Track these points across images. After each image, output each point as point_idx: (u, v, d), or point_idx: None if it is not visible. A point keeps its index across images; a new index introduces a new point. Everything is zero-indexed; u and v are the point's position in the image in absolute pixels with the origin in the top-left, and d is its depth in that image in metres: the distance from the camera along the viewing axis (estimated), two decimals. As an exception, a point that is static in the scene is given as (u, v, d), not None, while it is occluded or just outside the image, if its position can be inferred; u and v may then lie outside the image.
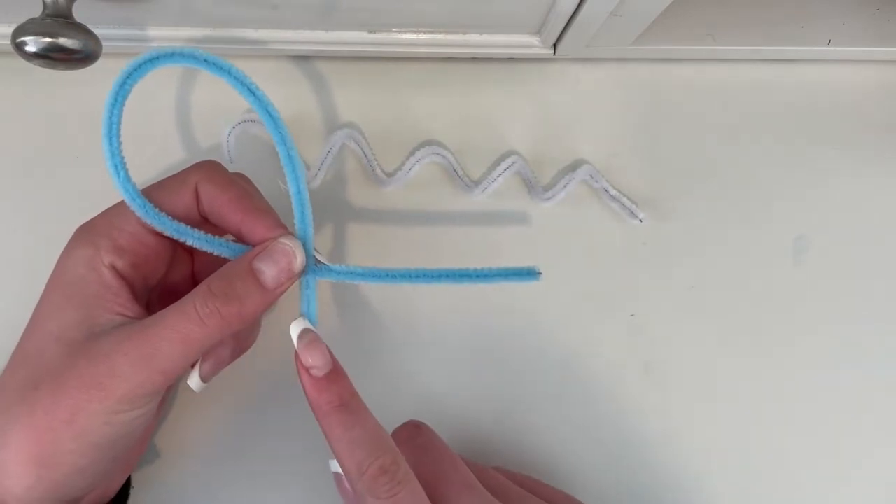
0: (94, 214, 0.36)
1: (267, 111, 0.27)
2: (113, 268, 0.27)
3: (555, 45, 0.36)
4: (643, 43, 0.35)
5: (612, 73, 0.39)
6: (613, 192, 0.37)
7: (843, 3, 0.38)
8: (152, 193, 0.27)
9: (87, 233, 0.27)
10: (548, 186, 0.37)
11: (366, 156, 0.36)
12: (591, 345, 0.37)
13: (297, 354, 0.27)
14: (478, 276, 0.27)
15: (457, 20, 0.34)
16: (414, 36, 0.35)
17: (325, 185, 0.37)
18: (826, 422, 0.37)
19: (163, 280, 0.29)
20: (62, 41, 0.25)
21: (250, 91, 0.26)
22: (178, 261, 0.30)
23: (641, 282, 0.37)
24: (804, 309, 0.38)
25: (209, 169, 0.28)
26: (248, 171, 0.37)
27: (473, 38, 0.35)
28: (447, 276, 0.27)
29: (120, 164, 0.26)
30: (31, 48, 0.25)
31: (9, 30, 0.26)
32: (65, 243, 0.35)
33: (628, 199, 0.37)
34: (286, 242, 0.27)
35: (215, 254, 0.27)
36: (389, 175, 0.36)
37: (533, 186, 0.37)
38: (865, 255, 0.38)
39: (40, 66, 0.26)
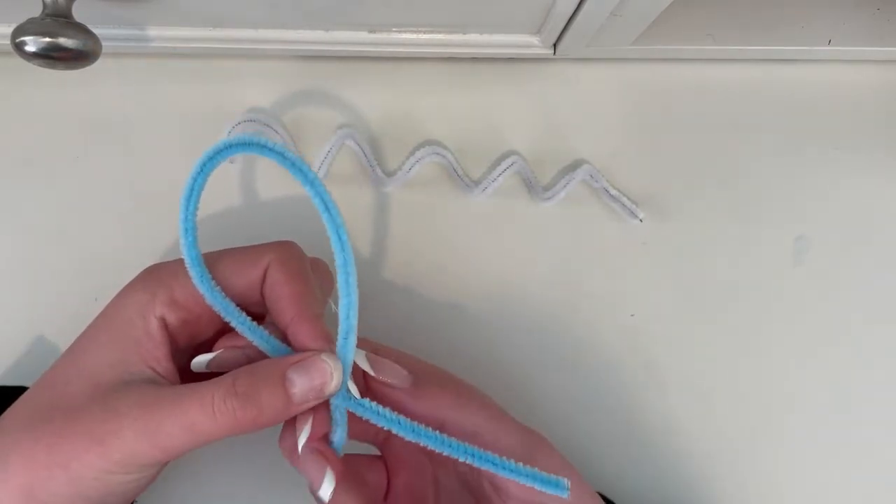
0: (93, 214, 0.36)
1: (338, 234, 0.26)
2: (163, 320, 0.26)
3: (555, 45, 0.36)
4: (643, 43, 0.35)
5: (612, 73, 0.39)
6: (613, 192, 0.37)
7: (843, 3, 0.38)
8: (224, 259, 0.27)
9: (150, 278, 0.27)
10: (548, 186, 0.37)
11: (366, 156, 0.36)
12: (591, 345, 0.37)
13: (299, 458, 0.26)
14: (505, 469, 0.26)
15: (457, 20, 0.34)
16: (414, 36, 0.35)
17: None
18: (826, 421, 0.37)
19: (208, 343, 0.28)
20: (62, 41, 0.25)
21: (327, 210, 0.26)
22: (230, 332, 0.29)
23: (641, 282, 0.37)
24: (804, 309, 0.38)
25: (285, 254, 0.27)
26: (247, 171, 0.37)
27: (473, 38, 0.35)
28: (474, 455, 0.26)
29: (191, 229, 0.26)
30: (31, 48, 0.25)
31: (9, 30, 0.26)
32: (64, 243, 0.36)
33: (628, 199, 0.37)
34: (327, 360, 0.25)
35: (254, 343, 0.26)
36: (389, 175, 0.36)
37: (533, 186, 0.37)
38: (865, 255, 0.38)
39: (40, 66, 0.26)
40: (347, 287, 0.26)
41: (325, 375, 0.25)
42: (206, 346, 0.28)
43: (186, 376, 0.28)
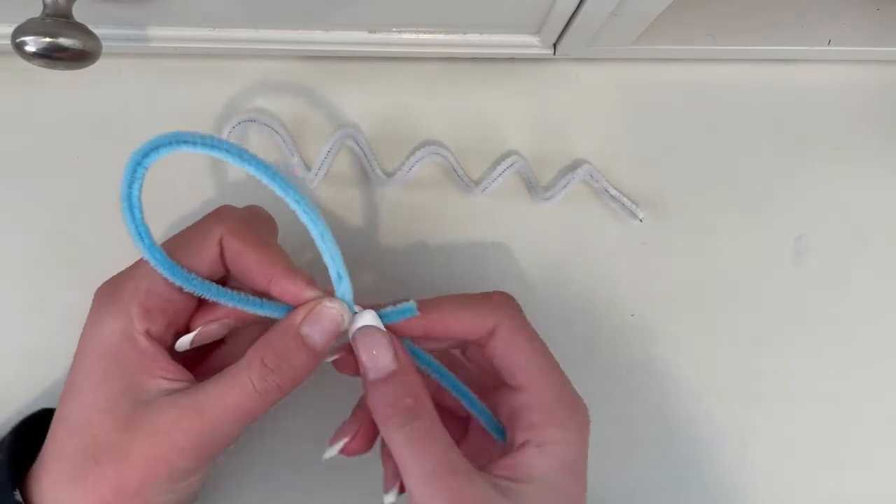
0: (93, 214, 0.36)
1: (286, 192, 0.26)
2: (147, 333, 0.26)
3: (555, 45, 0.36)
4: (643, 43, 0.35)
5: (612, 73, 0.39)
6: (613, 192, 0.37)
7: (843, 3, 0.38)
8: (175, 252, 0.27)
9: (113, 302, 0.27)
10: (548, 186, 0.37)
11: (366, 156, 0.36)
12: (591, 345, 0.37)
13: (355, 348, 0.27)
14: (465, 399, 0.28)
15: (457, 20, 0.34)
16: (414, 36, 0.35)
17: (325, 185, 0.37)
18: (826, 421, 0.37)
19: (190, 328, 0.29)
20: (62, 41, 0.25)
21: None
22: (205, 308, 0.29)
23: (641, 282, 0.37)
24: (804, 308, 0.38)
25: (231, 220, 0.28)
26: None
27: (473, 38, 0.35)
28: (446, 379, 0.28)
29: (145, 233, 0.26)
30: (31, 48, 0.25)
31: (9, 30, 0.25)
32: (64, 243, 0.36)
33: (628, 199, 0.37)
34: (332, 306, 0.26)
35: (258, 313, 0.27)
36: (389, 175, 0.36)
37: (533, 186, 0.37)
38: (865, 255, 0.38)
39: (40, 66, 0.26)
40: (325, 243, 0.26)
41: (336, 317, 0.26)
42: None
43: (194, 365, 0.29)
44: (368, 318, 0.27)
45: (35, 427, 0.28)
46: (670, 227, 0.38)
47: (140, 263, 0.28)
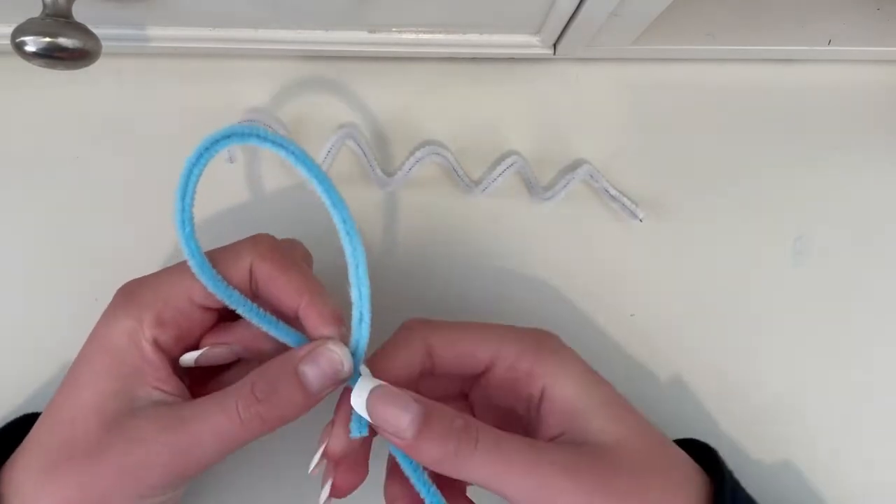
0: (93, 214, 0.36)
1: (344, 221, 0.26)
2: (155, 342, 0.26)
3: (555, 45, 0.36)
4: (643, 43, 0.35)
5: (612, 73, 0.39)
6: (613, 192, 0.37)
7: (843, 3, 0.38)
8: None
9: (131, 303, 0.27)
10: (548, 186, 0.37)
11: (366, 156, 0.36)
12: (592, 345, 0.37)
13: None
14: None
15: (457, 20, 0.34)
16: (414, 36, 0.35)
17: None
18: (826, 421, 0.37)
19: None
20: (62, 41, 0.25)
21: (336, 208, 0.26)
22: (219, 329, 0.29)
23: (641, 282, 0.37)
24: (804, 309, 0.38)
25: (264, 247, 0.28)
26: (247, 171, 0.37)
27: (473, 38, 0.35)
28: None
29: (188, 220, 0.26)
30: (30, 48, 0.25)
31: (9, 30, 0.26)
32: (64, 243, 0.36)
33: (628, 199, 0.37)
34: (334, 349, 0.26)
35: (274, 336, 0.27)
36: (389, 175, 0.36)
37: (533, 186, 0.37)
38: (865, 255, 0.38)
39: (40, 66, 0.26)
40: (357, 275, 0.26)
41: (336, 363, 0.26)
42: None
43: (196, 382, 0.29)
44: (366, 382, 0.25)
45: (19, 430, 0.28)
46: (670, 227, 0.38)
47: (166, 271, 0.27)
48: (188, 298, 0.27)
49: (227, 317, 0.28)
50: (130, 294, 0.27)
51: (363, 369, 0.26)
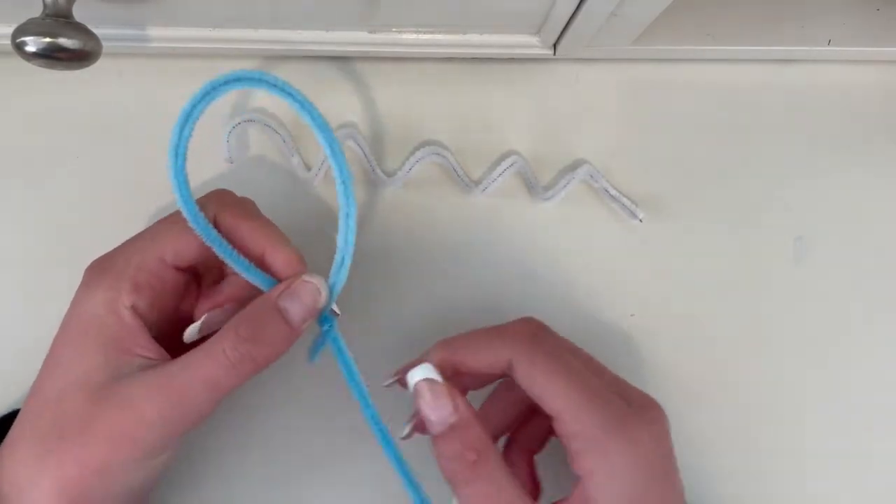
0: (93, 214, 0.36)
1: (334, 152, 0.28)
2: (133, 308, 0.26)
3: (555, 45, 0.36)
4: (643, 43, 0.35)
5: (612, 73, 0.39)
6: (613, 192, 0.37)
7: (843, 3, 0.38)
8: (175, 222, 0.27)
9: (104, 274, 0.27)
10: (548, 186, 0.37)
11: (366, 156, 0.36)
12: (591, 345, 0.36)
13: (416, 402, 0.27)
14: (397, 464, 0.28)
15: (457, 20, 0.34)
16: (414, 36, 0.35)
17: (325, 185, 0.37)
18: (825, 421, 0.37)
19: (173, 313, 0.29)
20: (62, 41, 0.25)
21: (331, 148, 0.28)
22: (188, 293, 0.30)
23: (641, 282, 0.37)
24: (804, 309, 0.38)
25: (225, 199, 0.29)
26: (248, 171, 0.37)
27: (473, 38, 0.35)
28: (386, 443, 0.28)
29: (184, 184, 0.26)
30: (31, 48, 0.25)
31: (9, 30, 0.26)
32: (64, 243, 0.36)
33: (628, 199, 0.37)
34: (310, 279, 0.27)
35: (249, 280, 0.27)
36: (389, 175, 0.36)
37: (533, 186, 0.37)
38: (865, 255, 0.38)
39: (40, 66, 0.26)
40: (347, 224, 0.27)
41: (314, 293, 0.27)
42: (172, 319, 0.29)
43: (172, 347, 0.29)
44: (426, 370, 0.27)
45: (4, 426, 0.28)
46: (670, 227, 0.38)
47: (130, 241, 0.28)
48: (160, 259, 0.27)
49: (193, 280, 0.29)
50: (101, 268, 0.27)
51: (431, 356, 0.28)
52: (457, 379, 0.28)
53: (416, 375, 0.27)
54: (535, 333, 0.28)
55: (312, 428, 0.34)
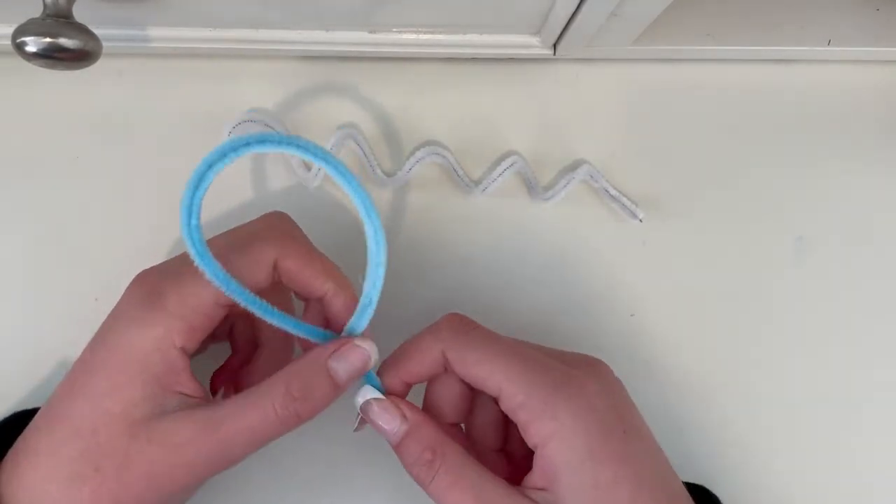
0: (93, 214, 0.36)
1: (368, 213, 0.27)
2: (182, 349, 0.26)
3: (555, 45, 0.36)
4: (643, 43, 0.35)
5: (612, 73, 0.39)
6: (613, 192, 0.37)
7: (843, 3, 0.38)
8: (227, 264, 0.26)
9: (155, 310, 0.26)
10: (548, 186, 0.37)
11: (366, 156, 0.36)
12: (591, 345, 0.37)
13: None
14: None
15: (457, 20, 0.34)
16: (414, 36, 0.35)
17: (325, 186, 0.37)
18: (825, 421, 0.37)
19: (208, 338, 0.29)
20: (62, 41, 0.25)
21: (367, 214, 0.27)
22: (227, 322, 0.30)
23: (641, 282, 0.37)
24: (804, 309, 0.38)
25: (286, 239, 0.28)
26: (248, 171, 0.37)
27: (473, 38, 0.35)
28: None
29: (196, 226, 0.24)
30: (31, 48, 0.25)
31: (9, 30, 0.25)
32: (64, 243, 0.36)
33: (628, 199, 0.37)
34: (362, 346, 0.27)
35: (298, 334, 0.27)
36: (389, 175, 0.36)
37: (533, 186, 0.37)
38: (865, 255, 0.38)
39: (40, 66, 0.26)
40: (376, 273, 0.27)
41: (365, 358, 0.27)
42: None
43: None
44: (368, 391, 0.28)
45: (13, 427, 0.27)
46: (670, 227, 0.38)
47: (188, 269, 0.26)
48: (215, 303, 0.27)
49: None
50: (150, 302, 0.26)
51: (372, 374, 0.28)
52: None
53: (360, 399, 0.28)
54: (461, 322, 0.29)
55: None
